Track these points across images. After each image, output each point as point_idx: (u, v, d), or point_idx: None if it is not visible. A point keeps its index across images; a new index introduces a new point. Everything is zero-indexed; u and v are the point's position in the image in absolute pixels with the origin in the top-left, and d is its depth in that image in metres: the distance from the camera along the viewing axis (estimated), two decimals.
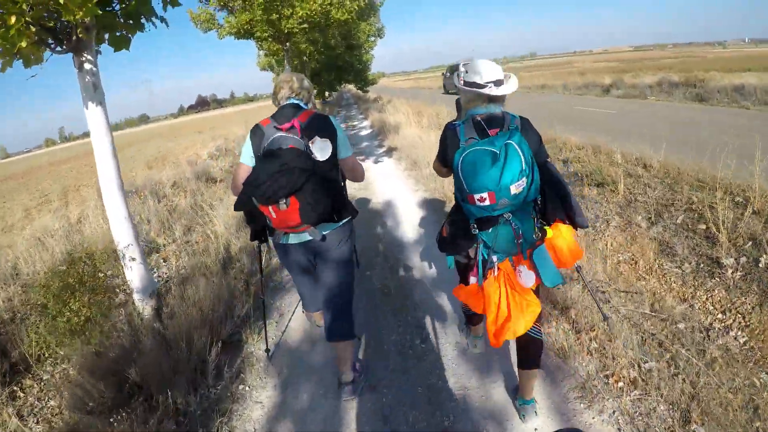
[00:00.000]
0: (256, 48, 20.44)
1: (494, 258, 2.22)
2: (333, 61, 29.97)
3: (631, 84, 23.56)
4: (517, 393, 2.74)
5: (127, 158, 25.03)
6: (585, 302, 3.60)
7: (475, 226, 2.19)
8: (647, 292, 3.82)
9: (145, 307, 4.10)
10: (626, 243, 4.75)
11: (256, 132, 2.61)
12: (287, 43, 14.52)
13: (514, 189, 1.98)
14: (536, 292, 2.31)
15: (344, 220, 2.78)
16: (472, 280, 2.32)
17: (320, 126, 2.59)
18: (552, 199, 2.20)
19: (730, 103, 15.49)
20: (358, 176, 2.92)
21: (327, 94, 40.39)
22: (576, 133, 9.92)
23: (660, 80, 22.43)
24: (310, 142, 2.47)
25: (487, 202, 2.01)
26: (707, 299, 3.79)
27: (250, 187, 2.39)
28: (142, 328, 3.74)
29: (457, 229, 2.31)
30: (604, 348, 3.14)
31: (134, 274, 4.06)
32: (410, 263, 5.05)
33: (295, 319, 4.18)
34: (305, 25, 11.97)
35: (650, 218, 5.34)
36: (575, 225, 2.25)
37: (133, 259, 4.02)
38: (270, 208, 2.42)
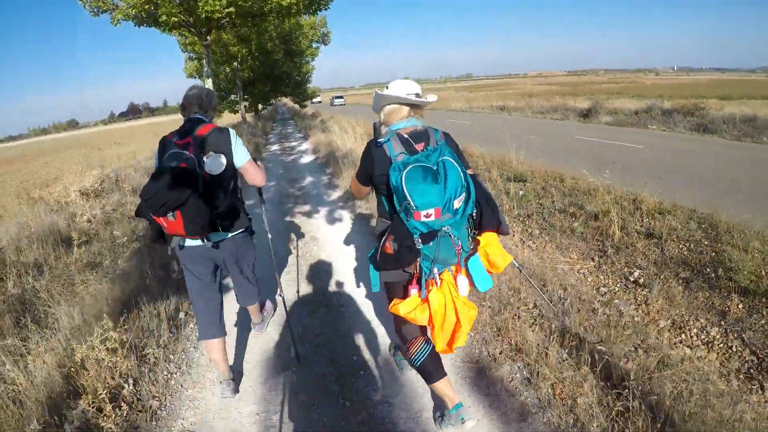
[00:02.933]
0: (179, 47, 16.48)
1: (435, 270, 2.27)
2: (269, 69, 25.60)
3: (611, 109, 21.74)
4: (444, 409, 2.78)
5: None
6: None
7: (420, 240, 2.19)
8: None
9: None
10: None
11: (161, 144, 2.81)
12: (208, 36, 10.70)
13: (457, 203, 2.09)
14: None
15: (237, 231, 3.04)
16: (413, 292, 2.35)
17: (216, 141, 2.76)
18: (486, 210, 2.32)
19: (751, 137, 13.79)
20: (257, 179, 3.07)
21: (260, 107, 35.79)
22: (655, 189, 7.10)
23: (650, 106, 20.59)
24: (205, 157, 2.65)
25: (432, 218, 2.06)
26: None
27: (142, 199, 2.54)
28: None
29: (402, 246, 2.24)
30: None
31: None
32: None
33: None
34: (232, 9, 9.05)
35: None
36: (500, 232, 2.40)
37: None
38: (161, 218, 2.57)
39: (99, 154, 24.98)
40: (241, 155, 2.89)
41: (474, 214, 2.31)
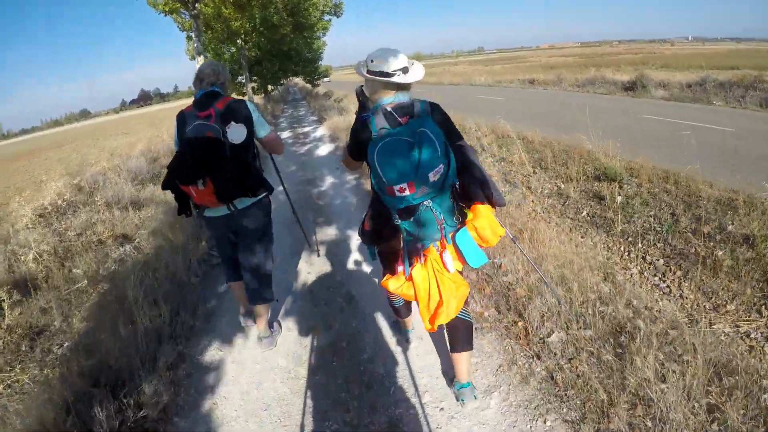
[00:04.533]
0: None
1: (419, 245, 2.22)
2: (277, 46, 23.28)
3: (658, 81, 19.24)
4: (454, 378, 2.80)
5: None
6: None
7: (397, 216, 2.18)
8: None
9: None
10: None
11: (180, 118, 2.85)
12: (197, 4, 8.74)
13: (433, 176, 2.00)
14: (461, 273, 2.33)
15: (260, 196, 3.09)
16: (399, 269, 2.37)
17: (236, 112, 2.82)
18: (470, 182, 2.19)
19: None
20: (278, 149, 3.28)
21: (270, 88, 33.44)
22: None
23: (703, 78, 18.08)
24: (227, 127, 2.72)
25: (407, 192, 2.00)
26: None
27: (171, 170, 2.71)
28: None
29: (378, 222, 2.35)
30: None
31: None
32: None
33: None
34: None
35: None
36: (493, 204, 2.23)
37: None
38: (190, 188, 2.72)
39: (95, 148, 23.47)
40: (263, 126, 3.05)
41: (456, 185, 2.21)
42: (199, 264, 4.86)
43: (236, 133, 2.72)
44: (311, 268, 4.86)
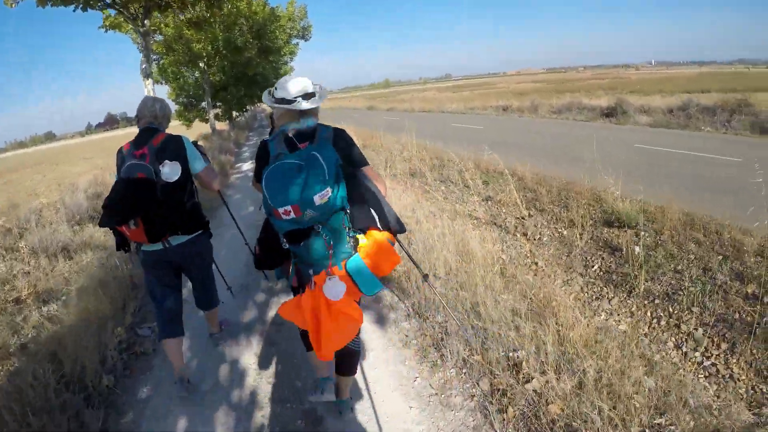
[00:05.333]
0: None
1: (310, 271, 2.17)
2: (241, 70, 22.13)
3: (638, 107, 18.72)
4: (335, 393, 2.80)
5: None
6: None
7: (285, 240, 2.15)
8: None
9: None
10: None
11: (119, 156, 2.85)
12: (146, 21, 7.66)
13: (319, 199, 1.96)
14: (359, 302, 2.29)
15: (196, 233, 3.06)
16: (293, 294, 2.36)
17: (171, 149, 2.79)
18: (359, 208, 2.16)
19: None
20: (212, 185, 3.14)
21: (235, 114, 32.14)
22: None
23: (685, 103, 17.62)
24: (161, 165, 2.67)
25: (292, 215, 1.98)
26: None
27: (104, 210, 2.68)
28: None
29: (267, 246, 2.30)
30: None
31: None
32: None
33: None
34: None
35: None
36: (391, 231, 2.19)
37: None
38: (123, 227, 2.71)
39: (53, 172, 22.07)
40: (198, 160, 2.98)
41: (347, 210, 2.15)
42: (120, 352, 3.66)
43: (170, 171, 2.69)
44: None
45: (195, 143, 3.12)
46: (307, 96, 2.20)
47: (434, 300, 3.77)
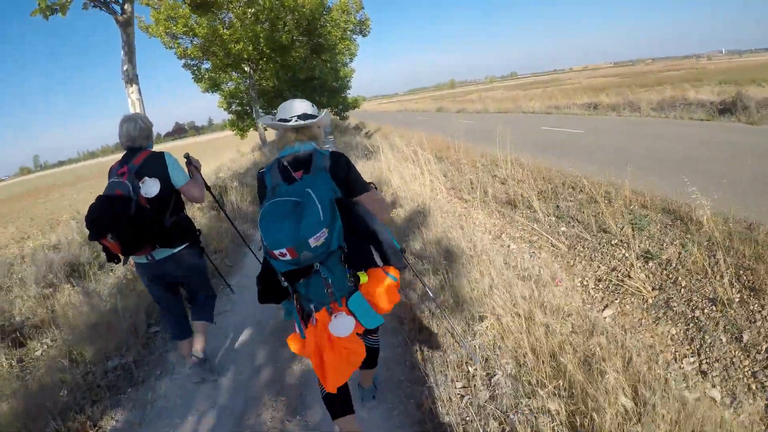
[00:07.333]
0: None
1: (311, 307, 2.13)
2: (293, 73, 19.87)
3: (759, 101, 14.86)
4: (358, 382, 2.98)
5: None
6: None
7: (284, 279, 2.09)
8: None
9: None
10: None
11: (109, 173, 2.99)
12: (125, 5, 5.44)
13: (314, 242, 1.87)
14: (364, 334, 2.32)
15: (179, 247, 3.11)
16: (297, 330, 2.31)
17: (151, 166, 2.91)
18: (358, 245, 2.11)
19: None
20: (196, 199, 3.17)
21: None
22: None
23: None
24: (141, 182, 2.79)
25: (288, 257, 1.88)
26: None
27: (86, 225, 2.77)
28: None
29: (266, 284, 2.21)
30: None
31: None
32: None
33: None
34: None
35: None
36: (393, 268, 2.18)
37: None
38: (104, 240, 2.78)
39: (99, 190, 20.65)
40: (177, 176, 3.04)
41: (344, 248, 2.07)
42: None
43: (149, 187, 2.79)
44: None
45: (188, 156, 3.29)
46: (305, 117, 2.20)
47: None
